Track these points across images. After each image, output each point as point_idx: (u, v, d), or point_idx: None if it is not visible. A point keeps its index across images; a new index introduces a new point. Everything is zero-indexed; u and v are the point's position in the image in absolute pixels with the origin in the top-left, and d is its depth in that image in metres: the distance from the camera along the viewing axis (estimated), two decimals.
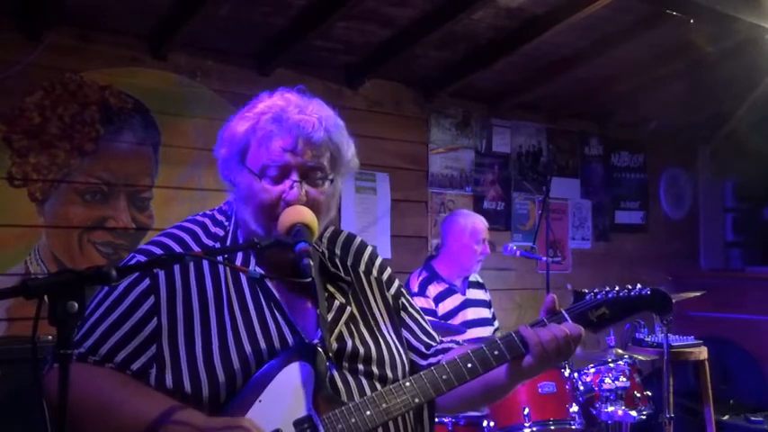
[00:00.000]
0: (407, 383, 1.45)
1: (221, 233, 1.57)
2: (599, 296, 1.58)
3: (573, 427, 3.36)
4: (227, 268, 1.50)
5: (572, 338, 1.48)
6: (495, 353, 1.50)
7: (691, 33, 4.13)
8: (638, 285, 1.61)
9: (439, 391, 1.46)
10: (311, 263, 1.34)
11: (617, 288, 1.60)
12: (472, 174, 5.12)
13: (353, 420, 1.38)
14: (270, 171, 1.46)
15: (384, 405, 1.42)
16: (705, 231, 6.70)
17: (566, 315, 1.55)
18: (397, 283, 1.73)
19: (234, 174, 1.52)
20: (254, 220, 1.49)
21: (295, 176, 1.47)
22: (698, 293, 4.15)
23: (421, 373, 1.48)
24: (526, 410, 3.29)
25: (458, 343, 1.73)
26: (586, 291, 1.59)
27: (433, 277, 3.88)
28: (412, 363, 1.65)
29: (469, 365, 1.48)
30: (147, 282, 1.46)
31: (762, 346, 5.64)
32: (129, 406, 1.36)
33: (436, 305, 3.79)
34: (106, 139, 3.63)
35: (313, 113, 1.49)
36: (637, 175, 6.23)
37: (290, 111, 1.48)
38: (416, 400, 1.44)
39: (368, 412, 1.40)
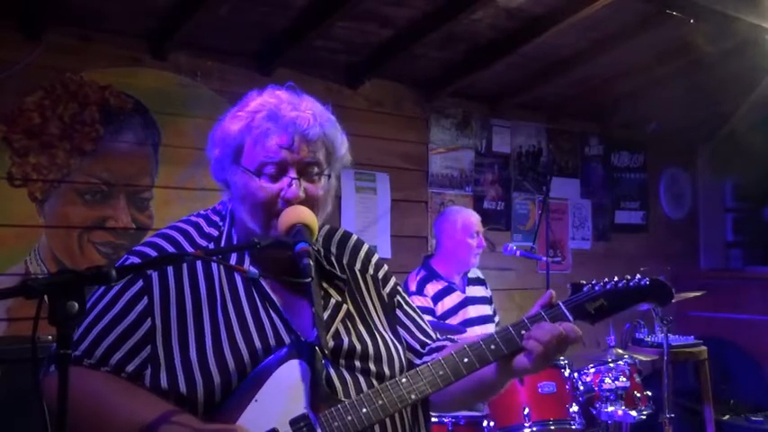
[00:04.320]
0: (404, 380, 1.45)
1: (215, 233, 1.57)
2: (597, 288, 1.55)
3: (573, 427, 3.36)
4: (221, 268, 1.50)
5: (570, 340, 1.45)
6: (492, 347, 1.48)
7: (691, 33, 4.13)
8: (638, 276, 1.57)
9: (435, 386, 1.45)
10: (311, 263, 1.34)
11: (615, 279, 1.56)
12: (472, 174, 5.12)
13: (350, 418, 1.38)
14: (267, 169, 1.45)
15: (380, 402, 1.41)
16: (705, 231, 6.70)
17: (563, 308, 1.51)
18: (393, 280, 1.72)
19: (228, 174, 1.52)
20: (251, 219, 1.48)
21: (293, 173, 1.46)
22: (698, 293, 4.16)
23: (417, 369, 1.47)
24: (526, 410, 3.29)
25: (452, 340, 1.71)
26: (584, 282, 1.56)
27: (431, 276, 3.87)
28: (408, 361, 1.64)
29: (466, 360, 1.46)
30: (139, 283, 1.45)
31: (762, 346, 5.64)
32: (124, 411, 1.36)
33: (435, 304, 3.79)
34: (106, 139, 3.63)
35: (307, 110, 1.49)
36: (637, 175, 6.23)
37: (284, 108, 1.47)
38: (413, 397, 1.43)
39: (364, 409, 1.39)
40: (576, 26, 3.97)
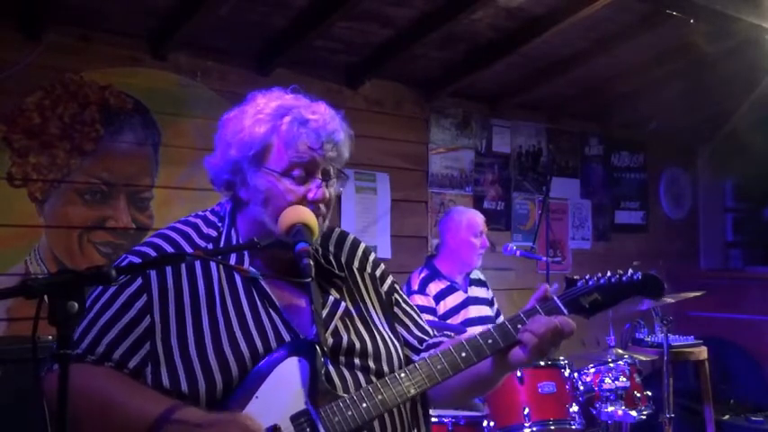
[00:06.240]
0: (402, 374, 1.46)
1: (214, 234, 1.58)
2: (590, 282, 1.59)
3: (573, 427, 3.36)
4: (220, 268, 1.51)
5: (564, 333, 1.48)
6: (489, 341, 1.51)
7: (691, 33, 4.13)
8: (630, 270, 1.61)
9: (434, 380, 1.47)
10: (311, 263, 1.36)
11: (609, 273, 1.60)
12: (472, 174, 5.12)
13: (350, 413, 1.39)
14: (296, 171, 1.49)
15: (380, 396, 1.43)
16: (705, 231, 6.71)
17: (558, 301, 1.55)
18: (390, 279, 1.75)
19: (248, 176, 1.52)
20: (274, 222, 1.49)
21: (320, 176, 1.51)
22: (698, 293, 4.16)
23: (415, 363, 1.49)
24: (526, 410, 3.29)
25: (449, 336, 1.73)
26: (578, 278, 1.60)
27: (434, 275, 3.88)
28: (406, 357, 1.66)
29: (464, 354, 1.49)
30: (138, 281, 1.47)
31: (762, 346, 5.65)
32: (130, 405, 1.37)
33: (437, 303, 3.80)
34: (106, 139, 3.63)
35: (329, 114, 1.54)
36: (637, 175, 6.24)
37: (309, 112, 1.52)
38: (412, 391, 1.45)
39: (364, 404, 1.41)
40: (576, 26, 3.97)
